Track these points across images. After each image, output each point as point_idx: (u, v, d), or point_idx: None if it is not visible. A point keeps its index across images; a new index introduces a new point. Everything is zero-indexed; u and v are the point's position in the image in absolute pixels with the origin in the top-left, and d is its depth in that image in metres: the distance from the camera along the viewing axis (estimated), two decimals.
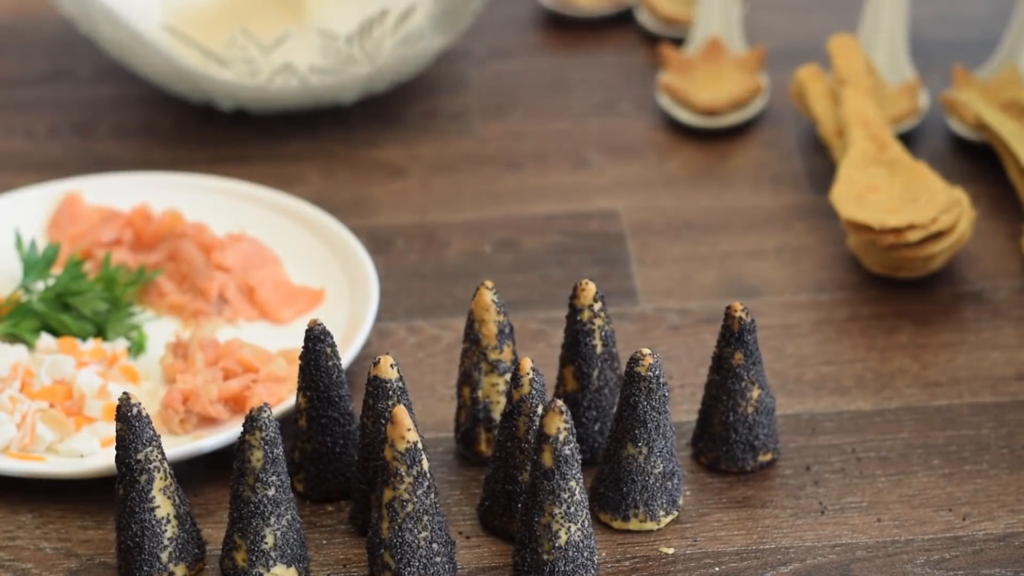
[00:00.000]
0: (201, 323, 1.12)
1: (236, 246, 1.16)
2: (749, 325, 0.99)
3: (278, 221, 1.20)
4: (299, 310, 1.14)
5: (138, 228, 1.18)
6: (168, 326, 1.13)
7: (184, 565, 0.95)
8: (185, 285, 1.15)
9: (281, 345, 1.10)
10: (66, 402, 1.04)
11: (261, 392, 1.04)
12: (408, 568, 0.92)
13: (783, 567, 0.96)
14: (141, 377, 1.08)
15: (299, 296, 1.14)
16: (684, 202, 1.25)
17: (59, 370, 1.05)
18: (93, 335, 1.10)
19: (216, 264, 1.15)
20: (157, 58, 1.28)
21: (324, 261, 1.17)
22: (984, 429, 1.04)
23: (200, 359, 1.06)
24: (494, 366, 1.01)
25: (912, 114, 1.29)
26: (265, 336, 1.11)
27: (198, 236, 1.17)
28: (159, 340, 1.11)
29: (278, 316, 1.13)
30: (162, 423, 1.04)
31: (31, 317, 1.10)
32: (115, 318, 1.11)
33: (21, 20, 1.48)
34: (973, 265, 1.17)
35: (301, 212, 1.20)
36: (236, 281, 1.14)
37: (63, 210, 1.21)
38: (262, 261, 1.16)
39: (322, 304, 1.14)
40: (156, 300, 1.14)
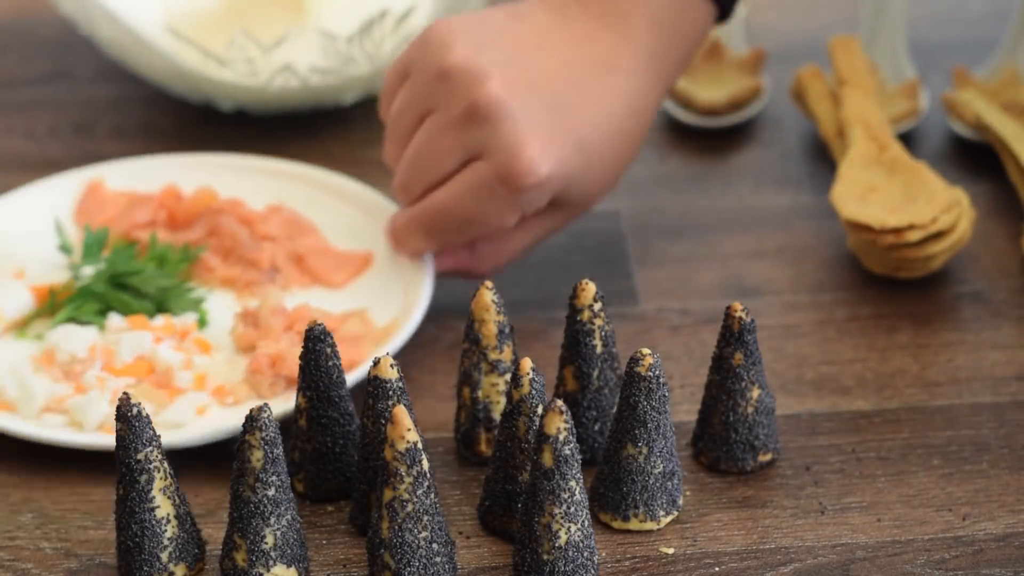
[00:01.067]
0: (256, 293, 1.14)
1: (276, 217, 1.18)
2: (749, 325, 0.99)
3: (308, 192, 1.21)
4: (351, 273, 1.16)
5: (171, 208, 1.20)
6: (221, 299, 1.14)
7: (184, 565, 0.95)
8: (232, 258, 1.16)
9: (341, 308, 1.12)
10: (150, 376, 1.06)
11: (347, 350, 1.06)
12: (408, 568, 0.92)
13: (783, 567, 0.96)
14: (212, 349, 1.10)
15: (348, 260, 1.16)
16: (684, 202, 1.25)
17: (139, 347, 1.07)
18: (152, 313, 1.12)
19: (261, 235, 1.17)
20: (157, 58, 1.27)
21: (364, 226, 1.18)
22: (984, 429, 1.04)
23: (277, 325, 1.08)
24: (494, 366, 1.01)
25: (912, 114, 1.29)
26: (321, 301, 1.13)
27: (235, 211, 1.18)
28: (215, 314, 1.13)
29: (331, 280, 1.15)
30: (251, 388, 1.06)
31: (92, 300, 1.12)
32: (176, 294, 1.13)
33: (21, 20, 1.48)
34: (973, 265, 1.17)
35: (331, 182, 1.21)
36: (284, 250, 1.16)
37: (88, 197, 1.21)
38: (302, 230, 1.18)
39: (373, 266, 1.16)
40: (205, 275, 1.16)
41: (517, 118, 1.05)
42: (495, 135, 1.05)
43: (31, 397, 1.04)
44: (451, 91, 1.06)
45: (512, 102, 1.05)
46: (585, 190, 1.10)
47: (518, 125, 1.05)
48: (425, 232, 1.10)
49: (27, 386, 1.05)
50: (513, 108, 1.05)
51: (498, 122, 1.05)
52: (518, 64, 1.07)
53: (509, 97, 1.05)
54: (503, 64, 1.06)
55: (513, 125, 1.05)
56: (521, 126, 1.05)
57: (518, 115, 1.05)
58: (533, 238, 1.12)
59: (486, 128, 1.05)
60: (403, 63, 1.10)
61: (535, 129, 1.06)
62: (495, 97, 1.05)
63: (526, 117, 1.06)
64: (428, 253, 1.13)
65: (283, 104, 1.31)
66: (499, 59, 1.06)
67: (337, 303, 1.13)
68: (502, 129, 1.05)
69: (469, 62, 1.06)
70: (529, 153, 1.05)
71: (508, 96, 1.05)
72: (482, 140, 1.06)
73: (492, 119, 1.05)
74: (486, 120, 1.05)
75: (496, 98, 1.05)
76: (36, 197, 1.21)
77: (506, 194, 1.06)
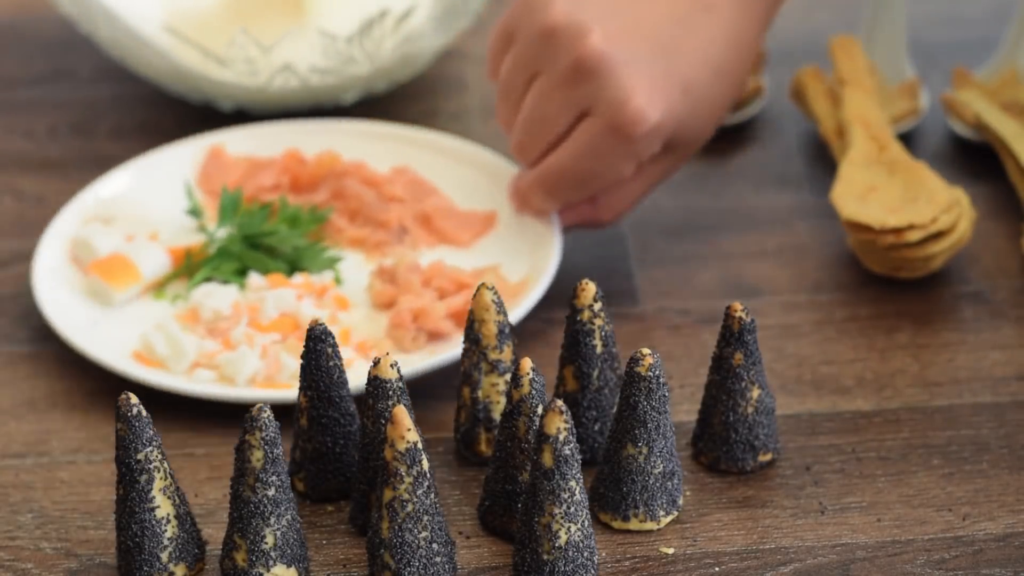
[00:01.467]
0: (387, 253, 1.16)
1: (401, 178, 1.21)
2: (749, 325, 0.99)
3: (427, 155, 1.24)
4: (477, 232, 1.19)
5: (294, 172, 1.22)
6: (350, 260, 1.17)
7: (184, 565, 0.95)
8: (359, 220, 1.19)
9: (471, 265, 1.15)
10: (294, 332, 1.10)
11: None
12: (408, 568, 0.92)
13: (783, 567, 0.96)
14: (351, 306, 1.13)
15: (474, 220, 1.19)
16: (684, 202, 1.25)
17: (283, 303, 1.10)
18: (288, 273, 1.15)
19: (388, 196, 1.19)
20: (157, 58, 1.28)
21: (485, 186, 1.21)
22: (984, 429, 1.04)
23: (416, 281, 1.11)
24: (494, 366, 1.01)
25: (912, 114, 1.29)
26: (451, 260, 1.16)
27: (359, 173, 1.21)
28: (348, 273, 1.16)
29: (458, 240, 1.18)
30: (393, 343, 1.09)
31: (230, 260, 1.15)
32: (311, 254, 1.15)
33: (21, 20, 1.48)
34: (973, 265, 1.17)
35: (449, 145, 1.24)
36: (411, 211, 1.19)
37: (210, 162, 1.24)
38: (426, 191, 1.21)
39: (497, 225, 1.19)
40: (334, 236, 1.18)
41: (621, 69, 1.07)
42: (602, 88, 1.08)
43: (182, 353, 1.07)
44: (555, 50, 1.08)
45: (615, 53, 1.07)
46: (694, 130, 1.12)
47: (623, 76, 1.08)
48: (547, 192, 1.13)
49: (177, 343, 1.07)
50: (616, 59, 1.07)
51: (603, 76, 1.07)
52: (618, 14, 1.09)
53: (612, 49, 1.07)
54: (603, 16, 1.08)
55: (618, 76, 1.07)
56: (626, 76, 1.08)
57: (622, 66, 1.08)
58: (650, 183, 1.15)
59: (593, 83, 1.08)
60: (506, 25, 1.13)
61: (641, 77, 1.08)
62: (598, 51, 1.07)
63: (630, 67, 1.08)
64: (553, 211, 1.15)
65: (283, 104, 1.31)
66: (598, 12, 1.09)
67: (467, 261, 1.15)
68: (608, 82, 1.07)
69: (570, 19, 1.08)
70: (637, 102, 1.07)
71: (610, 48, 1.07)
72: (591, 95, 1.08)
73: (597, 73, 1.07)
74: (592, 75, 1.08)
75: (599, 51, 1.07)
76: (159, 164, 1.24)
77: (620, 145, 1.09)
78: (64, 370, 1.11)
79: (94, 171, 1.28)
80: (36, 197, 1.28)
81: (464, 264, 1.15)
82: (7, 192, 1.28)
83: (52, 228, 1.18)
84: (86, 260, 1.16)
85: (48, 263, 1.15)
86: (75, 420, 1.07)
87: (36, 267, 1.15)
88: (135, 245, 1.16)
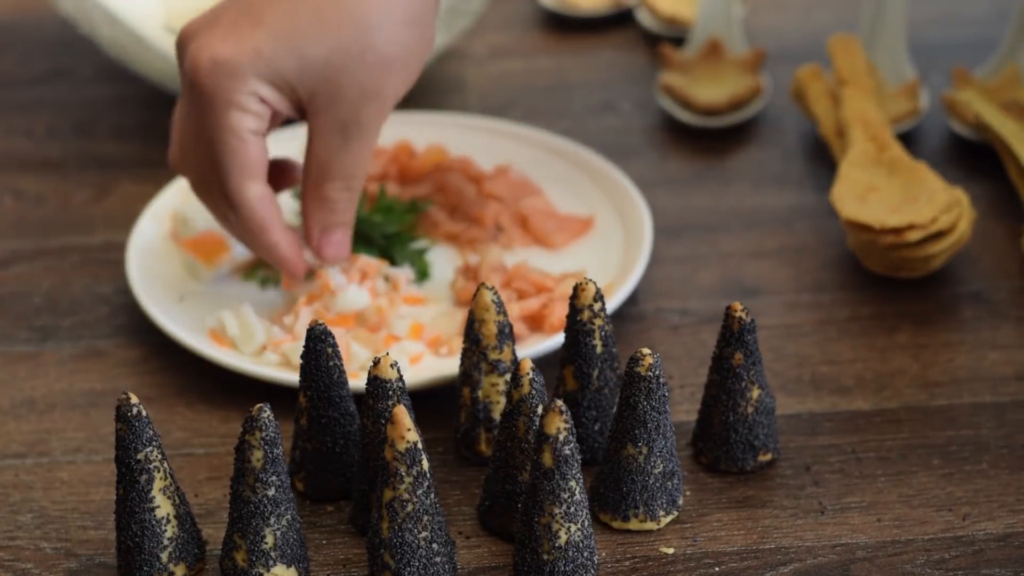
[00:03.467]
0: (478, 250, 1.17)
1: (503, 177, 1.22)
2: (749, 325, 0.99)
3: (534, 153, 1.25)
4: (572, 235, 1.19)
5: (402, 163, 1.24)
6: (443, 254, 1.18)
7: (184, 565, 0.95)
8: (457, 215, 1.20)
9: (559, 269, 1.15)
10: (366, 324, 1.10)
11: (559, 310, 1.08)
12: (408, 568, 0.92)
13: (783, 567, 0.96)
14: (429, 300, 1.14)
15: (570, 223, 1.20)
16: (684, 202, 1.25)
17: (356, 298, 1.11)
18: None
19: (487, 194, 1.20)
20: (157, 58, 1.28)
21: (587, 189, 1.22)
22: (984, 429, 1.04)
23: (495, 281, 1.11)
24: (494, 366, 1.01)
25: (912, 114, 1.29)
26: (540, 261, 1.16)
27: (464, 169, 1.22)
28: (437, 267, 1.17)
29: (552, 242, 1.18)
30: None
31: None
32: (400, 243, 1.16)
33: (21, 20, 1.48)
34: (973, 265, 1.17)
35: (557, 145, 1.25)
36: (508, 210, 1.20)
37: None
38: (527, 191, 1.21)
39: (593, 230, 1.19)
40: (430, 229, 1.19)
41: (186, 33, 1.05)
42: (179, 60, 1.05)
43: (251, 337, 1.09)
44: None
45: (186, 28, 1.05)
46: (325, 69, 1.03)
47: (186, 36, 1.04)
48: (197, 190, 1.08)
49: (248, 327, 1.10)
50: (185, 32, 1.05)
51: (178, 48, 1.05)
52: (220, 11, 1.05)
53: (187, 26, 1.05)
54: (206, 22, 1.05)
55: (183, 40, 1.05)
56: (188, 35, 1.04)
57: (187, 31, 1.05)
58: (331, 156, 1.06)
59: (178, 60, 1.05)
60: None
61: (203, 34, 1.03)
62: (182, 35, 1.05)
63: (193, 26, 1.04)
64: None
65: None
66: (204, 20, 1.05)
67: (555, 264, 1.16)
68: (179, 50, 1.05)
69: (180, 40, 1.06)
70: (190, 48, 1.03)
71: (186, 27, 1.05)
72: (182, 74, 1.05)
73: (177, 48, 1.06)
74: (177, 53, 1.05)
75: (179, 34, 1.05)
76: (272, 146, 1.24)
77: (201, 94, 1.03)
78: (63, 368, 1.11)
79: (94, 171, 1.29)
80: (36, 197, 1.28)
81: (552, 266, 1.15)
82: (7, 192, 1.28)
83: (156, 202, 1.20)
84: (183, 236, 1.18)
85: (147, 236, 1.18)
86: (75, 420, 1.07)
87: (134, 238, 1.17)
88: None
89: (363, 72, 1.03)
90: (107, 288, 1.18)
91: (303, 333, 1.08)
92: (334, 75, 1.03)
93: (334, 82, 1.03)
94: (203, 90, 1.03)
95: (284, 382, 1.06)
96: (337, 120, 1.04)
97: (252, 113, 1.03)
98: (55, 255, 1.22)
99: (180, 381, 1.10)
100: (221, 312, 1.11)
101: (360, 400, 0.99)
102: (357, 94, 1.04)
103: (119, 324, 1.15)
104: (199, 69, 1.02)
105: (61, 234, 1.24)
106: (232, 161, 1.04)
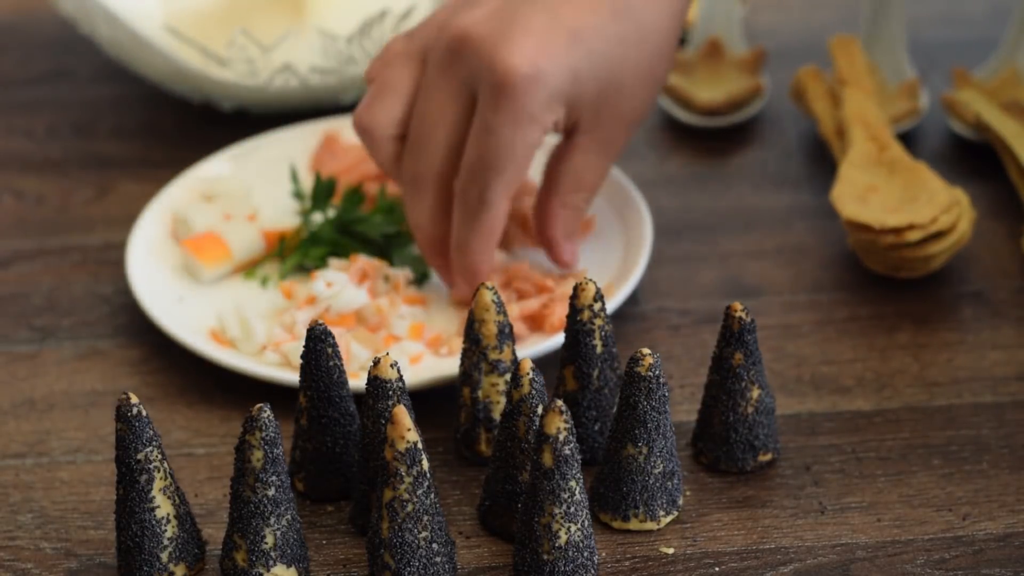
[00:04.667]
0: None
1: None
2: (749, 325, 0.99)
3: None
4: None
5: None
6: None
7: (184, 565, 0.95)
8: None
9: (558, 269, 1.15)
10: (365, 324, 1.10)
11: (559, 310, 1.09)
12: (408, 568, 0.92)
13: (783, 567, 0.96)
14: (429, 301, 1.14)
15: None
16: (684, 202, 1.25)
17: (355, 298, 1.11)
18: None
19: None
20: (157, 58, 1.28)
21: None
22: (984, 429, 1.04)
23: (496, 281, 1.11)
24: (494, 366, 1.01)
25: (912, 114, 1.29)
26: (541, 261, 1.16)
27: None
28: None
29: None
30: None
31: (320, 245, 1.16)
32: (400, 243, 1.16)
33: (21, 20, 1.48)
34: (973, 265, 1.17)
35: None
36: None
37: (323, 148, 1.25)
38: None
39: (593, 230, 1.19)
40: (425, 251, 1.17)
41: (490, 34, 1.02)
42: (475, 55, 1.03)
43: (251, 337, 1.09)
44: (436, 42, 1.05)
45: (485, 23, 1.02)
46: (608, 84, 1.05)
47: (492, 38, 1.02)
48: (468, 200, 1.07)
49: (248, 327, 1.10)
50: (486, 27, 1.02)
51: (474, 43, 1.03)
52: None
53: (483, 20, 1.03)
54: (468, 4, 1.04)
55: (487, 39, 1.02)
56: (495, 36, 1.02)
57: (491, 31, 1.02)
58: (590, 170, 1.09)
59: (466, 54, 1.03)
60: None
61: (511, 35, 1.02)
62: (466, 24, 1.03)
63: (500, 30, 1.02)
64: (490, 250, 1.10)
65: (283, 104, 1.31)
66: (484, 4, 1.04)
67: (552, 264, 1.15)
68: (479, 47, 1.02)
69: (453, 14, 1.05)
70: (504, 53, 1.01)
71: (482, 20, 1.03)
72: (469, 68, 1.03)
73: (468, 42, 1.03)
74: (464, 46, 1.03)
75: (468, 25, 1.03)
76: (274, 146, 1.26)
77: (508, 110, 1.02)
78: (63, 368, 1.11)
79: (94, 171, 1.29)
80: (36, 197, 1.28)
81: (553, 267, 1.15)
82: (7, 192, 1.28)
83: (156, 202, 1.20)
84: (183, 235, 1.18)
85: (148, 235, 1.18)
86: (75, 420, 1.07)
87: (134, 238, 1.17)
88: (231, 225, 1.18)
89: (644, 97, 1.08)
90: (107, 288, 1.18)
91: (303, 333, 1.08)
92: (624, 100, 1.07)
93: (619, 106, 1.07)
94: (514, 96, 1.02)
95: (284, 382, 1.06)
96: (605, 139, 1.08)
97: (546, 131, 1.05)
98: (55, 255, 1.22)
99: (180, 381, 1.10)
100: (221, 312, 1.11)
101: (360, 400, 0.99)
102: (632, 116, 1.09)
103: (119, 324, 1.15)
104: (516, 73, 1.01)
105: (61, 234, 1.24)
106: (511, 171, 1.05)
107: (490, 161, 1.04)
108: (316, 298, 1.11)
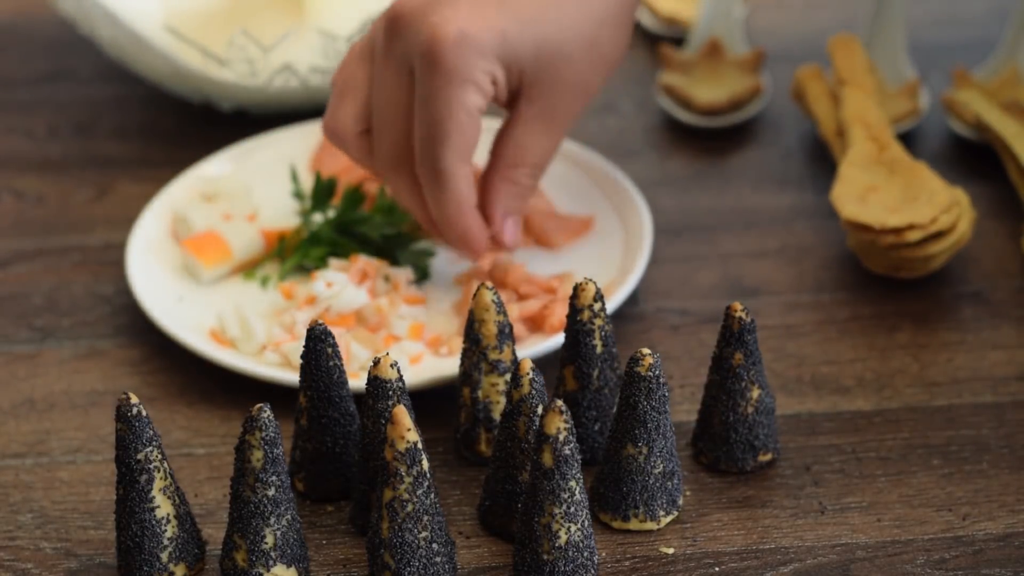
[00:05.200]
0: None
1: None
2: (749, 325, 0.99)
3: None
4: (571, 235, 1.18)
5: None
6: (443, 255, 1.17)
7: (184, 565, 0.95)
8: None
9: (559, 269, 1.15)
10: (365, 324, 1.10)
11: (559, 311, 1.09)
12: (408, 568, 0.92)
13: (783, 567, 0.96)
14: (429, 301, 1.14)
15: (570, 223, 1.19)
16: (684, 202, 1.25)
17: (355, 299, 1.11)
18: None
19: None
20: (157, 58, 1.28)
21: (587, 190, 1.22)
22: (984, 429, 1.04)
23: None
24: (494, 366, 1.01)
25: (912, 114, 1.29)
26: (539, 262, 1.16)
27: None
28: (438, 268, 1.16)
29: (552, 242, 1.18)
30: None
31: (319, 245, 1.16)
32: (401, 244, 1.16)
33: (21, 20, 1.48)
34: (973, 265, 1.17)
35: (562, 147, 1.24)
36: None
37: (323, 148, 1.25)
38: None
39: (593, 230, 1.19)
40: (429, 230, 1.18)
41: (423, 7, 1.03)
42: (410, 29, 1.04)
43: (251, 337, 1.09)
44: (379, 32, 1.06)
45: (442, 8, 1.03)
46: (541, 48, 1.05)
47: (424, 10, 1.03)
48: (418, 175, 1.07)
49: (248, 327, 1.10)
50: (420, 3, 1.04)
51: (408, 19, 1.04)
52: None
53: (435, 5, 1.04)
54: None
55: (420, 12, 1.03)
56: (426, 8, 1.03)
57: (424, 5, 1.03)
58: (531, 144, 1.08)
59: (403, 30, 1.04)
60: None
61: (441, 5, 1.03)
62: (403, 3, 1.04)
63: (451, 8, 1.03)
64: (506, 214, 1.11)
65: (283, 104, 1.31)
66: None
67: (555, 264, 1.16)
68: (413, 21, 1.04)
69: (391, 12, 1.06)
70: (433, 20, 1.03)
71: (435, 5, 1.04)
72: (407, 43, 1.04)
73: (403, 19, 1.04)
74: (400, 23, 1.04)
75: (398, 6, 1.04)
76: (274, 146, 1.26)
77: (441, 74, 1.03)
78: (63, 368, 1.11)
79: (94, 171, 1.29)
80: (36, 197, 1.28)
81: (552, 266, 1.15)
82: (7, 192, 1.28)
83: (156, 202, 1.20)
84: (183, 235, 1.18)
85: (148, 235, 1.18)
86: (75, 420, 1.07)
87: (134, 237, 1.17)
88: (231, 224, 1.18)
89: (586, 66, 1.07)
90: (107, 288, 1.18)
91: (303, 333, 1.08)
92: (562, 65, 1.06)
93: (558, 72, 1.06)
94: (443, 62, 1.03)
95: (284, 382, 1.06)
96: (548, 109, 1.07)
97: (484, 93, 1.05)
98: (55, 255, 1.22)
99: (180, 381, 1.10)
100: (221, 312, 1.11)
101: (360, 400, 0.99)
102: (574, 87, 1.07)
103: (119, 324, 1.15)
104: (443, 40, 1.02)
105: (61, 234, 1.24)
106: (457, 137, 1.05)
107: (434, 130, 1.05)
108: (316, 298, 1.11)
